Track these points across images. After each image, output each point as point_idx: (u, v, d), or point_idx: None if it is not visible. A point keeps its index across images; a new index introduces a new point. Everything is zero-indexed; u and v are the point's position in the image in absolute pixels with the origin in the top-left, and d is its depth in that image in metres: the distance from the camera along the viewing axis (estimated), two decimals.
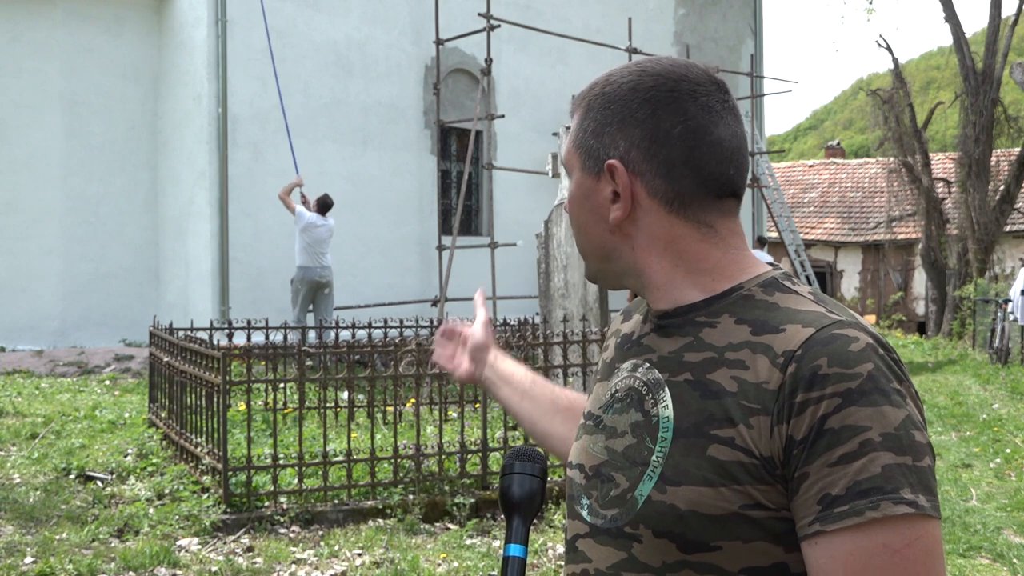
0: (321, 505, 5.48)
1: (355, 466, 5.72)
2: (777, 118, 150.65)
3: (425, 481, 5.73)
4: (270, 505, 5.42)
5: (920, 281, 23.25)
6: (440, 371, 6.50)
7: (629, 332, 1.23)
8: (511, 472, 1.23)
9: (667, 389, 1.10)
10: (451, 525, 5.48)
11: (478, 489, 5.81)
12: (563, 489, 5.77)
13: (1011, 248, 21.50)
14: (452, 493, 5.70)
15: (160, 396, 6.98)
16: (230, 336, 7.44)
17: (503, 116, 12.87)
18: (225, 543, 4.97)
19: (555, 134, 12.75)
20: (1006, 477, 7.16)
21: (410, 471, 5.76)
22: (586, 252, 1.21)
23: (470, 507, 5.58)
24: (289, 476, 5.69)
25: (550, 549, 5.05)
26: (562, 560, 4.85)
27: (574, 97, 1.22)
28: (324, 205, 10.59)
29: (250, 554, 4.84)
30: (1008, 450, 7.94)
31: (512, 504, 1.21)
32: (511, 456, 1.25)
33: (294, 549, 4.93)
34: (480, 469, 5.91)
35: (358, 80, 12.65)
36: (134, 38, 12.00)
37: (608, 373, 1.23)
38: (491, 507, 5.63)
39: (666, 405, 1.09)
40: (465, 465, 5.86)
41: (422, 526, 5.36)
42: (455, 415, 7.00)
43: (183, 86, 11.70)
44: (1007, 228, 19.32)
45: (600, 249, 1.18)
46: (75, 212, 11.65)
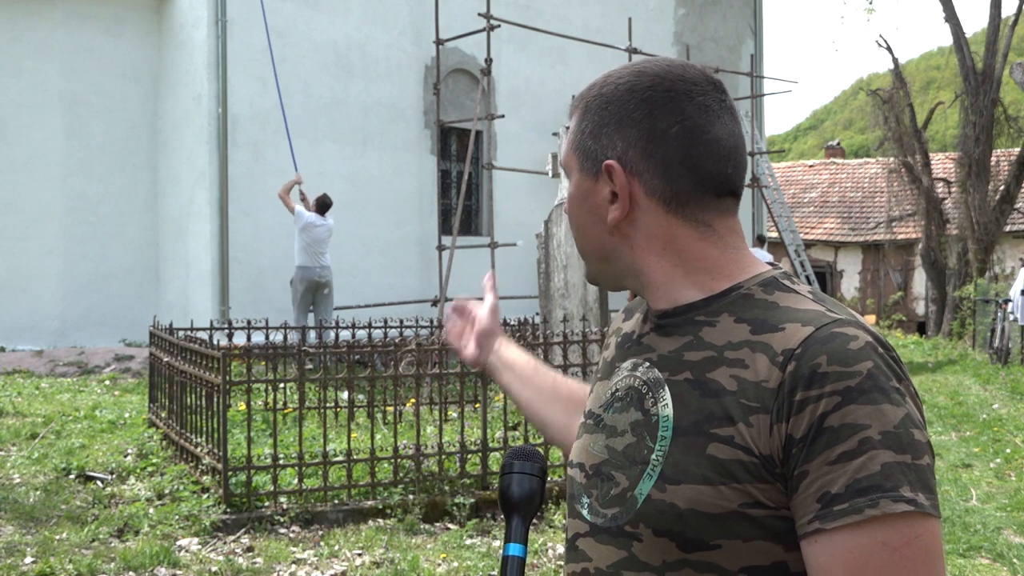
0: (321, 505, 5.48)
1: (355, 466, 5.72)
2: (777, 118, 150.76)
3: (425, 481, 5.73)
4: (270, 505, 5.42)
5: (920, 281, 23.25)
6: (440, 371, 6.51)
7: (630, 331, 1.23)
8: (510, 471, 1.23)
9: (667, 388, 1.10)
10: (451, 525, 5.47)
11: (478, 489, 5.81)
12: (563, 489, 5.77)
13: (1011, 248, 21.50)
14: (452, 493, 5.69)
15: (160, 396, 6.98)
16: (230, 336, 7.44)
17: (503, 116, 12.88)
18: (225, 543, 4.96)
19: (555, 134, 12.75)
20: (1006, 477, 7.16)
21: (410, 471, 5.76)
22: (586, 253, 1.21)
23: (470, 507, 5.58)
24: (289, 476, 5.69)
25: (550, 549, 5.05)
26: (562, 560, 4.85)
27: (574, 97, 1.22)
28: (323, 205, 10.60)
29: (250, 554, 4.84)
30: (1008, 450, 7.94)
31: (511, 503, 1.21)
32: (510, 455, 1.25)
33: (294, 549, 4.93)
34: (480, 469, 5.91)
35: (358, 80, 12.65)
36: (134, 38, 12.01)
37: (608, 372, 1.23)
38: (491, 507, 5.63)
39: (666, 404, 1.09)
40: (465, 465, 5.86)
41: (422, 526, 5.35)
42: (455, 415, 7.00)
43: (183, 86, 11.70)
44: (1007, 228, 19.32)
45: (599, 250, 1.18)
46: (75, 212, 11.66)
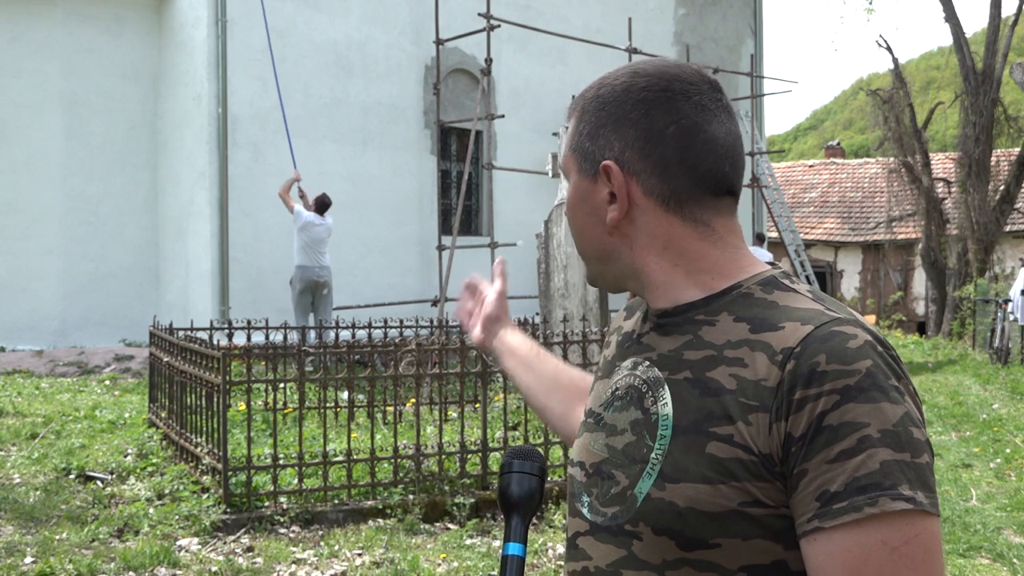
0: (321, 505, 5.48)
1: (355, 466, 5.72)
2: (777, 118, 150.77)
3: (425, 481, 5.73)
4: (270, 505, 5.41)
5: (920, 281, 23.25)
6: (440, 371, 6.51)
7: (630, 330, 1.23)
8: (510, 471, 1.23)
9: (667, 387, 1.10)
10: (451, 525, 5.47)
11: (478, 489, 5.80)
12: (563, 489, 5.77)
13: (1011, 248, 21.50)
14: (452, 493, 5.69)
15: (160, 396, 6.98)
16: (230, 336, 7.43)
17: (503, 116, 12.88)
18: (225, 543, 4.96)
19: (555, 134, 12.76)
20: (1006, 477, 7.15)
21: (410, 471, 5.76)
22: (586, 255, 1.22)
23: (470, 507, 5.58)
24: (289, 476, 5.69)
25: (550, 549, 5.05)
26: (562, 560, 4.85)
27: (574, 98, 1.23)
28: (322, 204, 10.60)
29: (250, 554, 4.84)
30: (1008, 450, 7.94)
31: (511, 503, 1.21)
32: (510, 455, 1.25)
33: (294, 549, 4.93)
34: (480, 469, 5.91)
35: (358, 80, 12.65)
36: (134, 38, 12.01)
37: (609, 371, 1.23)
38: (491, 507, 5.63)
39: (665, 403, 1.09)
40: (465, 465, 5.85)
41: (422, 526, 5.35)
42: (455, 415, 7.00)
43: (183, 86, 11.70)
44: (1007, 228, 19.32)
45: (599, 251, 1.18)
46: (75, 212, 11.66)
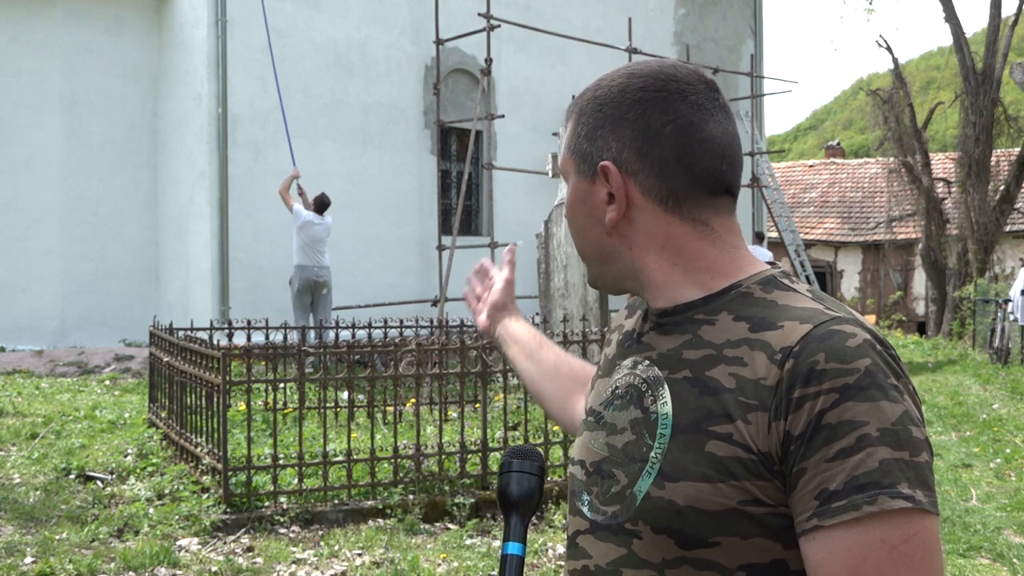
0: (321, 505, 5.48)
1: (355, 466, 5.72)
2: (777, 118, 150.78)
3: (425, 481, 5.73)
4: (270, 505, 5.41)
5: (920, 281, 23.25)
6: (440, 371, 6.50)
7: (631, 329, 1.23)
8: (509, 470, 1.23)
9: (666, 386, 1.10)
10: (451, 525, 5.47)
11: (478, 489, 5.80)
12: (563, 489, 5.77)
13: (1011, 248, 21.51)
14: (452, 493, 5.69)
15: (160, 396, 6.98)
16: (230, 336, 7.43)
17: (503, 116, 12.88)
18: (225, 543, 4.96)
19: (555, 134, 12.76)
20: (1006, 477, 7.15)
21: (410, 471, 5.76)
22: (586, 256, 1.22)
23: (470, 507, 5.58)
24: (289, 476, 5.69)
25: (550, 549, 5.05)
26: (562, 560, 4.85)
27: (574, 98, 1.23)
28: (321, 204, 10.60)
29: (250, 554, 4.84)
30: (1008, 450, 7.94)
31: (510, 502, 1.21)
32: (509, 454, 1.25)
33: (294, 549, 4.93)
34: (480, 469, 5.91)
35: (358, 80, 12.65)
36: (134, 38, 12.01)
37: (610, 369, 1.23)
38: (491, 507, 5.62)
39: (665, 402, 1.09)
40: (465, 465, 5.85)
41: (422, 526, 5.35)
42: (455, 415, 7.00)
43: (183, 86, 11.70)
44: (1007, 228, 19.32)
45: (599, 252, 1.19)
46: (75, 212, 11.66)
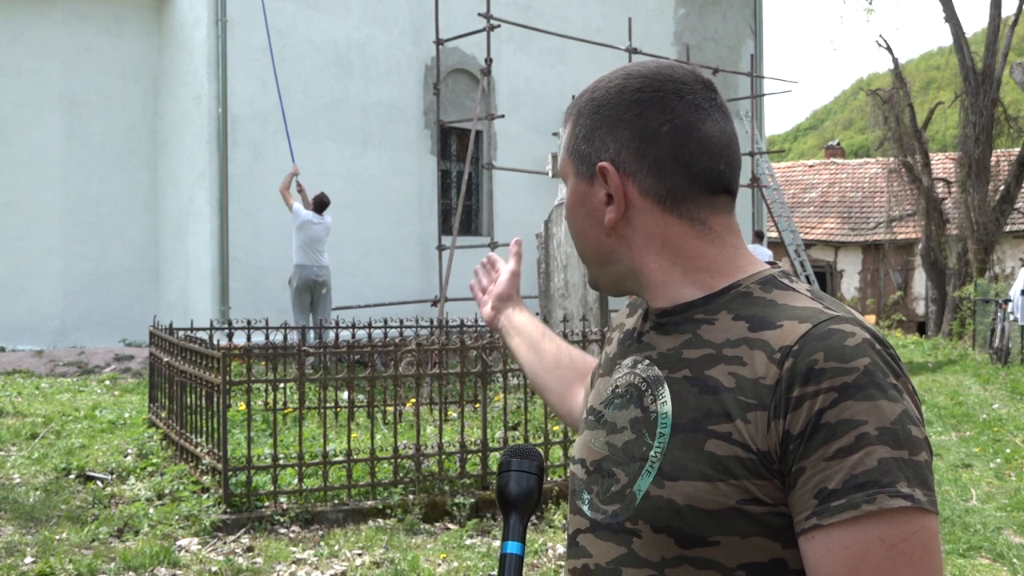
0: (321, 505, 5.48)
1: (355, 466, 5.72)
2: (777, 118, 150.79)
3: (425, 481, 5.73)
4: (270, 505, 5.41)
5: (920, 281, 23.25)
6: (440, 371, 6.50)
7: (632, 328, 1.24)
8: (508, 470, 1.23)
9: (666, 386, 1.10)
10: (451, 525, 5.47)
11: (478, 489, 5.80)
12: (562, 489, 5.77)
13: (1011, 248, 21.50)
14: (452, 493, 5.69)
15: (160, 396, 6.98)
16: (230, 336, 7.43)
17: (503, 116, 12.88)
18: (225, 543, 4.96)
19: (555, 134, 12.76)
20: (1006, 477, 7.15)
21: (410, 471, 5.76)
22: (586, 257, 1.22)
23: (470, 507, 5.58)
24: (289, 476, 5.69)
25: (550, 549, 5.05)
26: (562, 560, 4.85)
27: (573, 98, 1.23)
28: (320, 203, 10.60)
29: (250, 554, 4.84)
30: (1008, 450, 7.94)
31: (509, 502, 1.21)
32: (508, 454, 1.25)
33: (294, 549, 4.93)
34: (480, 469, 5.91)
35: (358, 80, 12.65)
36: (134, 38, 12.01)
37: (610, 368, 1.24)
38: (491, 507, 5.63)
39: (664, 401, 1.09)
40: (465, 465, 5.85)
41: (422, 526, 5.35)
42: (455, 415, 7.00)
43: (183, 86, 11.70)
44: (1007, 228, 19.32)
45: (598, 252, 1.19)
46: (75, 212, 11.66)
